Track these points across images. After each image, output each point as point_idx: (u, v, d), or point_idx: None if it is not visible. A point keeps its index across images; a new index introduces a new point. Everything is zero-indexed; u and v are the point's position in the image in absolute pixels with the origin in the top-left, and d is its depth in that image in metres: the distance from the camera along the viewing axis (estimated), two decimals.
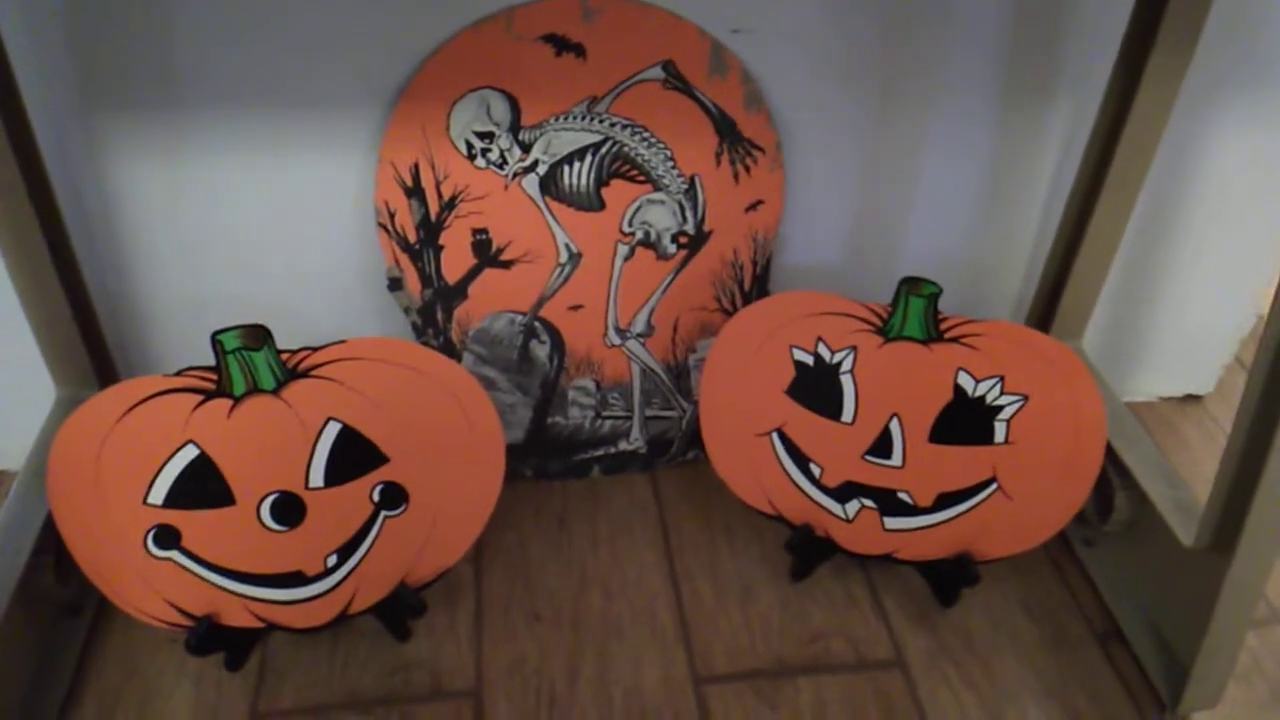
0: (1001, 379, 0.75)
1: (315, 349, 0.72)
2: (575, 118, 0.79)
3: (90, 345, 0.79)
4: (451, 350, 0.85)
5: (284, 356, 0.70)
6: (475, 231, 0.81)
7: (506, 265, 0.83)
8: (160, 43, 0.73)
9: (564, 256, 0.83)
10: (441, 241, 0.81)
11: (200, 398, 0.68)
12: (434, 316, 0.84)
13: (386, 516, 0.72)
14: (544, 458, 0.91)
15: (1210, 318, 0.99)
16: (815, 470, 0.79)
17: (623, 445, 0.91)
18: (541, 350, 0.86)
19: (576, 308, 0.85)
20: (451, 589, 0.80)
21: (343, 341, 0.72)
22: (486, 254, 0.82)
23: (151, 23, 0.72)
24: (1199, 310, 0.98)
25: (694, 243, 0.84)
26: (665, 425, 0.91)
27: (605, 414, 0.90)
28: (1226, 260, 0.95)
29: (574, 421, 0.90)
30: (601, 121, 0.79)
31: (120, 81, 0.74)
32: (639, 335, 0.87)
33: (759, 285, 0.87)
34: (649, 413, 0.90)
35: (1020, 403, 0.75)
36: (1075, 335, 0.88)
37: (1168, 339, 1.00)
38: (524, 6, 0.74)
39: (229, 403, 0.68)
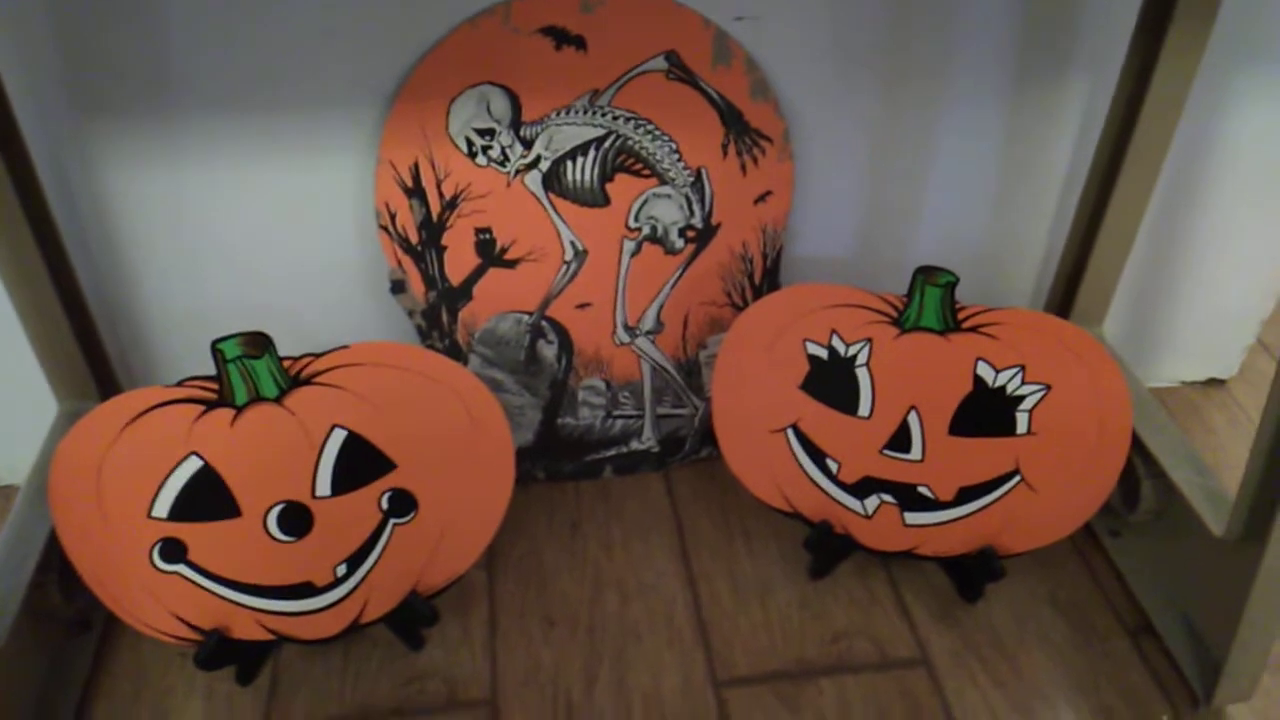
0: (1022, 368, 0.73)
1: (318, 355, 0.70)
2: (577, 112, 0.77)
3: (90, 357, 0.78)
4: (457, 352, 0.83)
5: (286, 364, 0.69)
6: (478, 231, 0.79)
7: (511, 264, 0.81)
8: (151, 49, 0.71)
9: (569, 254, 0.81)
10: (444, 242, 0.79)
11: (202, 408, 0.67)
12: (439, 318, 0.82)
13: (395, 524, 0.71)
14: (555, 459, 0.89)
15: (1232, 300, 0.97)
16: (833, 466, 0.77)
17: (635, 445, 0.90)
18: (549, 350, 0.85)
19: (584, 306, 0.83)
20: (464, 596, 0.79)
21: (346, 347, 0.70)
22: (490, 254, 0.80)
23: (142, 29, 0.70)
24: (1220, 292, 0.96)
25: (702, 237, 0.82)
26: (677, 423, 0.90)
27: (616, 413, 0.88)
28: (1247, 241, 0.93)
29: (585, 422, 0.88)
30: (604, 115, 0.77)
31: (113, 89, 0.72)
32: (648, 332, 0.85)
33: (769, 279, 0.85)
34: (660, 411, 0.89)
35: (1042, 392, 0.73)
36: (1096, 322, 0.86)
37: (1189, 322, 0.97)
38: None
39: (232, 412, 0.67)
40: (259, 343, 0.67)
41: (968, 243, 0.89)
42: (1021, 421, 0.73)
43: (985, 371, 0.73)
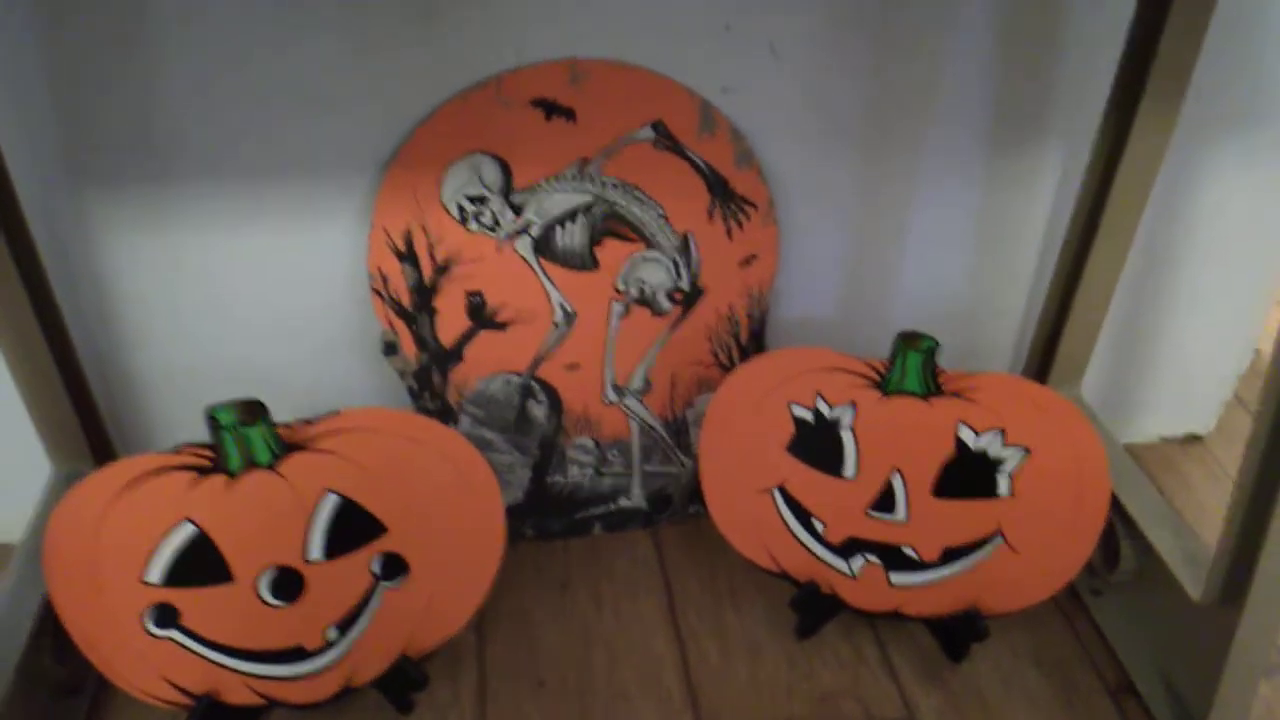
0: (1003, 431, 0.74)
1: (311, 421, 0.71)
2: (566, 179, 0.79)
3: (85, 420, 0.79)
4: (448, 412, 0.84)
5: (280, 430, 0.70)
6: (469, 294, 0.81)
7: (502, 327, 0.82)
8: (147, 116, 0.73)
9: (559, 316, 0.83)
10: (436, 305, 0.81)
11: (196, 474, 0.68)
12: (430, 379, 0.83)
13: (386, 588, 0.71)
14: (544, 516, 0.90)
15: (1208, 356, 0.99)
16: (818, 526, 0.78)
17: (623, 502, 0.91)
18: (539, 410, 0.86)
19: (573, 367, 0.85)
20: (454, 657, 0.79)
21: (338, 413, 0.71)
22: (481, 316, 0.82)
23: (137, 97, 0.72)
24: (1197, 349, 0.98)
25: (689, 299, 0.84)
26: (665, 481, 0.91)
27: (605, 471, 0.89)
28: (1223, 297, 0.95)
29: (574, 480, 0.89)
30: (593, 182, 0.79)
31: (109, 158, 0.74)
32: (636, 392, 0.86)
33: (756, 340, 0.87)
34: (649, 468, 0.90)
35: (1022, 455, 0.74)
36: (1074, 381, 0.87)
37: (1166, 379, 0.99)
38: (513, 72, 0.75)
39: (226, 478, 0.68)
40: (253, 410, 0.68)
41: (948, 304, 0.91)
42: (1003, 484, 0.75)
43: (967, 435, 0.74)
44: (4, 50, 0.69)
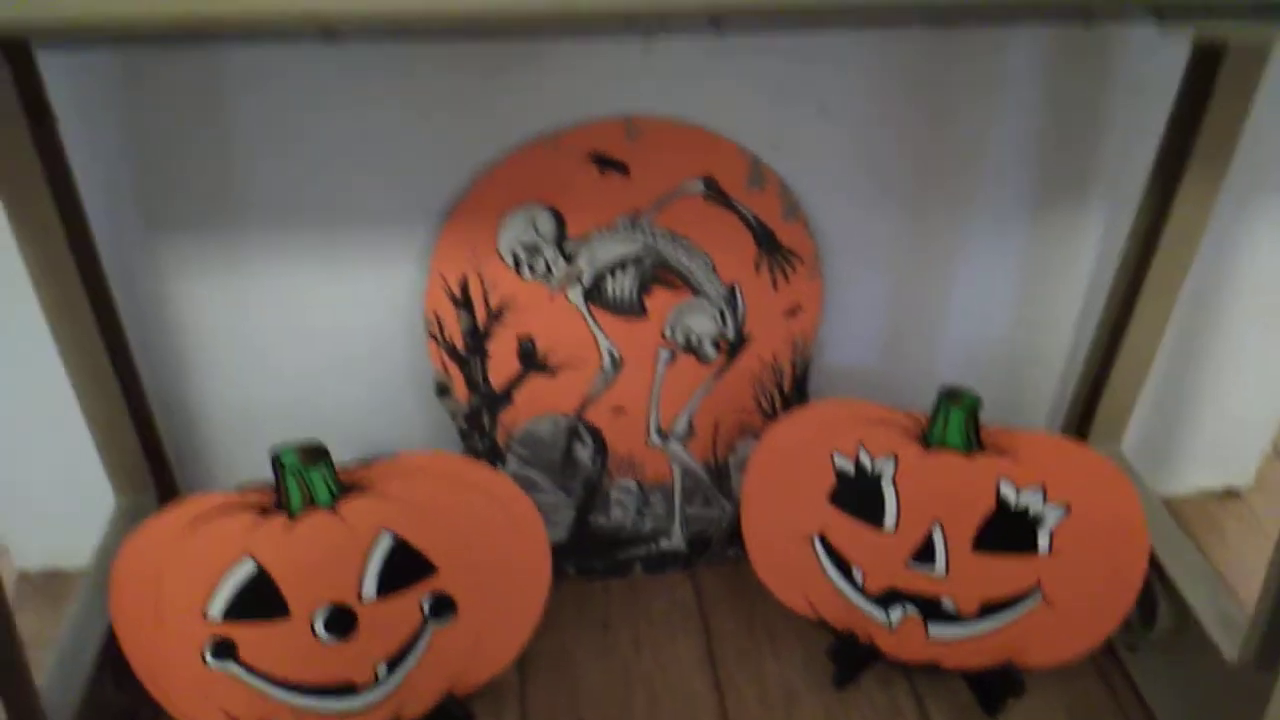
0: (1044, 489, 0.75)
1: (369, 463, 0.74)
2: (618, 230, 0.81)
3: (149, 454, 0.81)
4: (497, 452, 0.87)
5: (339, 471, 0.72)
6: (521, 339, 0.83)
7: (551, 371, 0.84)
8: (221, 167, 0.76)
9: (607, 362, 0.85)
10: (488, 349, 0.83)
11: (259, 513, 0.70)
12: (480, 420, 0.85)
13: (435, 627, 0.74)
14: (586, 556, 0.92)
15: (1247, 410, 1.00)
16: (858, 576, 0.79)
17: (664, 544, 0.92)
18: (584, 452, 0.88)
19: (619, 411, 0.87)
20: (496, 696, 0.81)
21: (395, 455, 0.74)
22: (532, 361, 0.84)
23: (212, 149, 0.75)
24: (1236, 403, 0.98)
25: (734, 347, 0.86)
26: (706, 524, 0.92)
27: (647, 513, 0.91)
28: (1262, 352, 0.95)
29: (616, 520, 0.91)
30: (644, 233, 0.81)
31: (181, 201, 0.77)
32: (680, 437, 0.88)
33: (798, 388, 0.88)
34: (690, 511, 0.91)
35: (1063, 513, 0.75)
36: (1115, 438, 0.88)
37: (1206, 432, 1.00)
38: (571, 129, 0.77)
39: (287, 518, 0.70)
40: (315, 453, 0.71)
41: (990, 355, 0.92)
42: (1042, 540, 0.76)
43: (1008, 491, 0.75)
44: (88, 101, 0.72)
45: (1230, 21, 0.64)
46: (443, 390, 0.84)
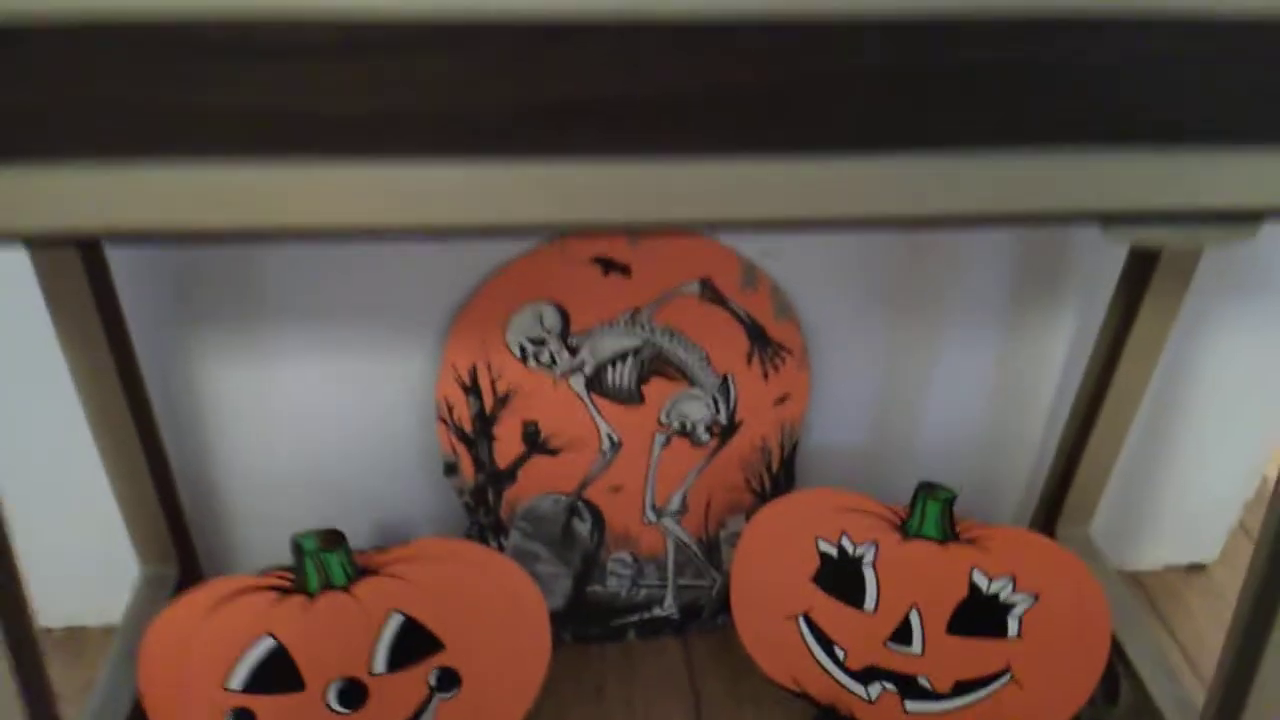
0: (1013, 578, 0.80)
1: (384, 549, 0.79)
2: (619, 325, 0.86)
3: (172, 527, 0.86)
4: (500, 526, 0.92)
5: (356, 555, 0.77)
6: (526, 423, 0.88)
7: (553, 452, 0.90)
8: (248, 263, 0.81)
9: (606, 445, 0.90)
10: (494, 432, 0.88)
11: (279, 594, 0.75)
12: (485, 497, 0.91)
13: (440, 699, 0.78)
14: (583, 623, 0.97)
15: (1213, 491, 1.05)
16: (840, 653, 0.85)
17: (657, 611, 0.98)
18: (583, 527, 0.93)
19: (617, 489, 0.92)
20: None
21: (408, 543, 0.79)
22: (535, 443, 0.89)
23: (240, 257, 0.80)
24: (1202, 485, 1.04)
25: (726, 432, 0.91)
26: (697, 593, 0.97)
27: (641, 583, 0.96)
28: (1228, 441, 1.01)
29: (612, 589, 0.96)
30: (643, 328, 0.86)
31: (210, 291, 0.82)
32: (674, 514, 0.93)
33: (786, 468, 0.94)
34: (682, 582, 0.97)
35: (1031, 601, 0.80)
36: (1083, 523, 0.94)
37: (1172, 512, 1.05)
38: (577, 236, 0.82)
39: (304, 598, 0.75)
40: (333, 539, 0.76)
41: (966, 440, 0.98)
42: (1012, 626, 0.81)
43: (980, 579, 0.81)
44: None
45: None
46: (450, 469, 0.89)
